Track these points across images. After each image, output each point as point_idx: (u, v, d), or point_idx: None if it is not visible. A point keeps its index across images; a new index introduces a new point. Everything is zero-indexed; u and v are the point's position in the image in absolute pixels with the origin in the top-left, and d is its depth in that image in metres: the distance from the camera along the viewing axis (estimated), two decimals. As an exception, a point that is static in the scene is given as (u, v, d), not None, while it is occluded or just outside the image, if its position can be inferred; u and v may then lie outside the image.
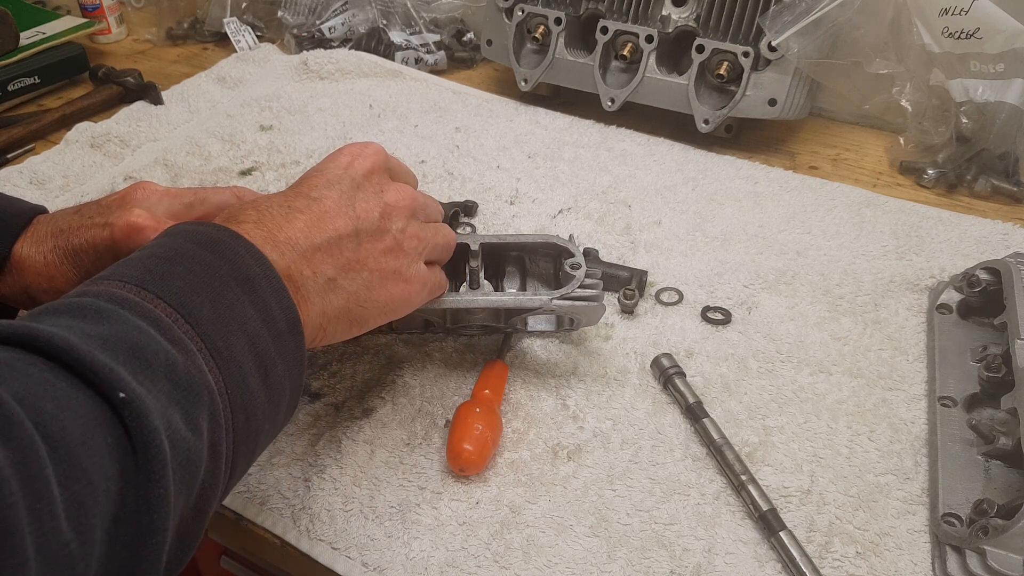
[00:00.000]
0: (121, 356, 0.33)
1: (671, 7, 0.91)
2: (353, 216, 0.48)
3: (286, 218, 0.46)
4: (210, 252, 0.41)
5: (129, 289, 0.37)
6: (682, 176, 0.87)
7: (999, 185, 0.83)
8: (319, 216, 0.47)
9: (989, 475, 0.53)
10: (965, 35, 0.81)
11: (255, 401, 0.40)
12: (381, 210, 0.50)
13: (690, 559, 0.50)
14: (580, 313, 0.60)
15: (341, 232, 0.47)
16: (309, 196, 0.48)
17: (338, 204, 0.48)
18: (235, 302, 0.40)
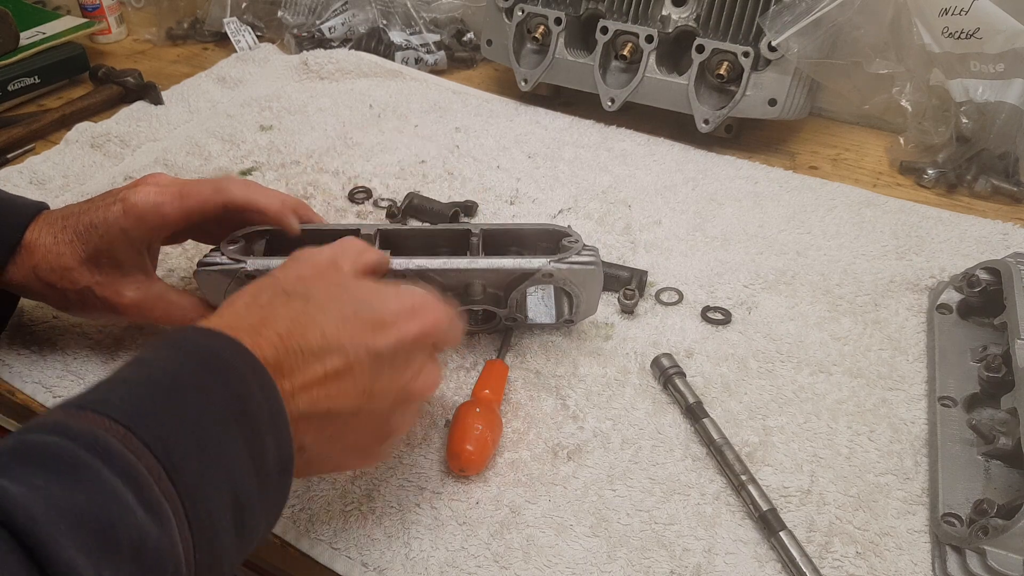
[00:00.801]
0: (88, 540, 0.30)
1: (671, 7, 0.91)
2: (367, 400, 0.45)
3: (310, 369, 0.42)
4: (214, 378, 0.38)
5: (115, 432, 0.34)
6: (682, 176, 0.87)
7: (999, 185, 0.83)
8: (336, 382, 0.43)
9: (989, 475, 0.53)
10: (965, 35, 0.81)
11: (224, 557, 0.37)
12: (395, 398, 0.46)
13: (690, 559, 0.50)
14: (578, 282, 0.60)
15: (344, 413, 0.44)
16: (344, 354, 0.43)
17: (360, 380, 0.44)
18: (228, 446, 0.37)
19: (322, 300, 0.45)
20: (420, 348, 0.47)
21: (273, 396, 0.40)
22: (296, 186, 0.85)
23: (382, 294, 0.48)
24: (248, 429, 0.38)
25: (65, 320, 0.68)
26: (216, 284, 0.59)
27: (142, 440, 0.34)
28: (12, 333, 0.67)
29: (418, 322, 0.47)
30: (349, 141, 0.93)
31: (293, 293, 0.45)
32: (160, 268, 0.73)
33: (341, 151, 0.92)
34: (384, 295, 0.47)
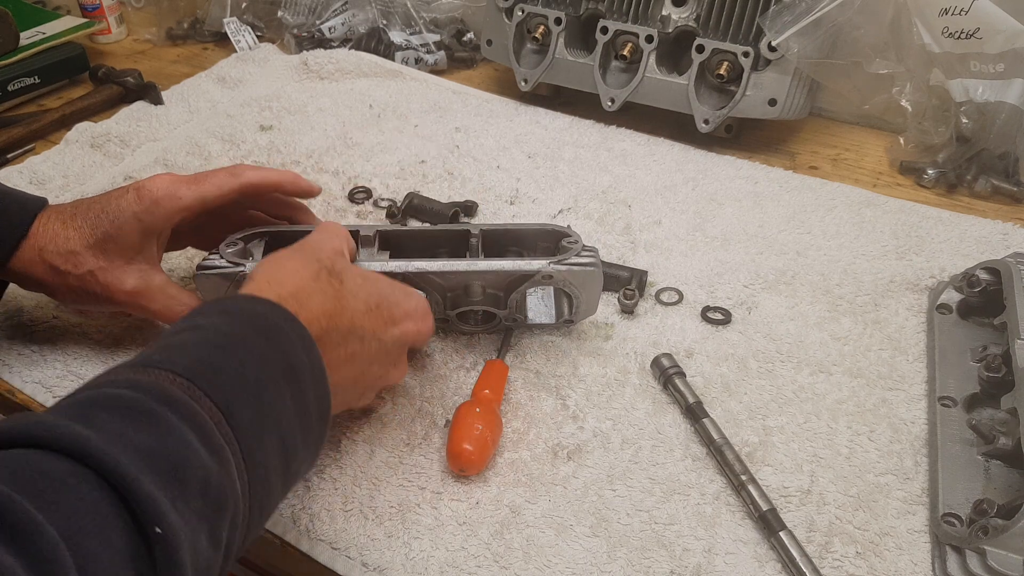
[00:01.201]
0: (163, 477, 0.34)
1: (671, 7, 0.91)
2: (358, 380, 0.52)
3: (334, 348, 0.48)
4: (265, 340, 0.43)
5: (179, 384, 0.38)
6: (682, 176, 0.87)
7: (999, 185, 0.83)
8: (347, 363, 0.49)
9: (989, 475, 0.53)
10: (965, 35, 0.81)
11: (272, 495, 0.42)
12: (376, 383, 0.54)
13: (690, 559, 0.50)
14: (578, 283, 0.60)
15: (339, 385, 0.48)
16: (362, 340, 0.50)
17: (360, 364, 0.51)
18: (277, 397, 0.42)
19: (354, 287, 0.50)
20: (405, 344, 0.54)
21: (315, 356, 0.45)
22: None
23: (396, 291, 0.53)
24: (295, 384, 0.43)
25: (65, 320, 0.68)
26: (216, 288, 0.59)
27: (203, 391, 0.39)
28: (12, 333, 0.67)
29: (417, 325, 0.54)
30: (349, 141, 0.93)
31: (333, 272, 0.50)
32: (160, 268, 0.74)
33: (341, 151, 0.92)
34: (397, 293, 0.53)
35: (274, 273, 0.48)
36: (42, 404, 0.62)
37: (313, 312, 0.46)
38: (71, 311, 0.69)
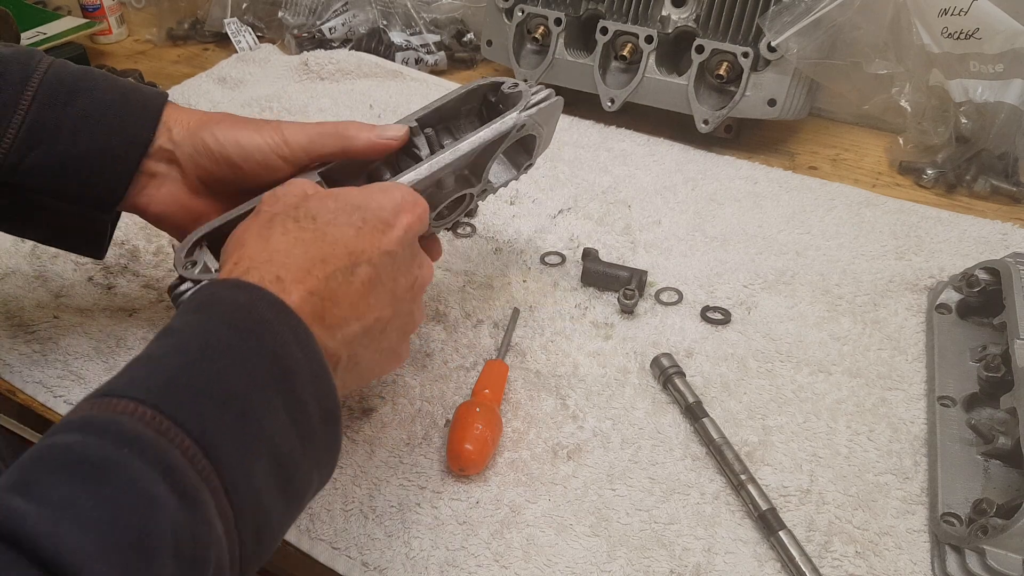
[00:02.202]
0: (121, 555, 0.28)
1: (671, 7, 0.92)
2: (395, 302, 0.46)
3: (344, 289, 0.43)
4: (248, 340, 0.37)
5: (144, 416, 0.32)
6: (682, 176, 0.87)
7: (998, 185, 0.83)
8: (371, 292, 0.44)
9: (988, 475, 0.53)
10: (964, 35, 0.81)
11: (271, 520, 0.37)
12: (412, 292, 0.48)
13: (690, 558, 0.50)
14: (543, 120, 0.59)
15: (383, 320, 0.45)
16: (370, 263, 0.44)
17: (387, 283, 0.46)
18: (266, 411, 0.36)
19: (329, 217, 0.44)
20: (414, 239, 0.48)
21: (311, 348, 0.39)
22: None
23: (373, 195, 0.47)
24: (287, 390, 0.37)
25: (66, 320, 0.68)
26: None
27: (173, 419, 0.33)
28: (13, 333, 0.67)
29: (410, 213, 0.48)
30: (349, 141, 0.93)
31: (300, 217, 0.44)
32: (160, 268, 0.74)
33: (341, 151, 0.92)
34: (375, 195, 0.47)
35: (243, 246, 0.43)
36: (42, 404, 0.62)
37: (300, 267, 0.41)
38: (75, 309, 0.69)
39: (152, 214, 0.57)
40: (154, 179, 0.56)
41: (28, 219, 0.56)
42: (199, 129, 0.55)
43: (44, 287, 0.71)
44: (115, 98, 0.54)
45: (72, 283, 0.72)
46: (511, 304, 0.70)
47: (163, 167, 0.56)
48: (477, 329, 0.67)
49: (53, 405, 0.61)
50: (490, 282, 0.73)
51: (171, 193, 0.56)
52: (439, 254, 0.61)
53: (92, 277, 0.73)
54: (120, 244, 0.76)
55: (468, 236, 0.79)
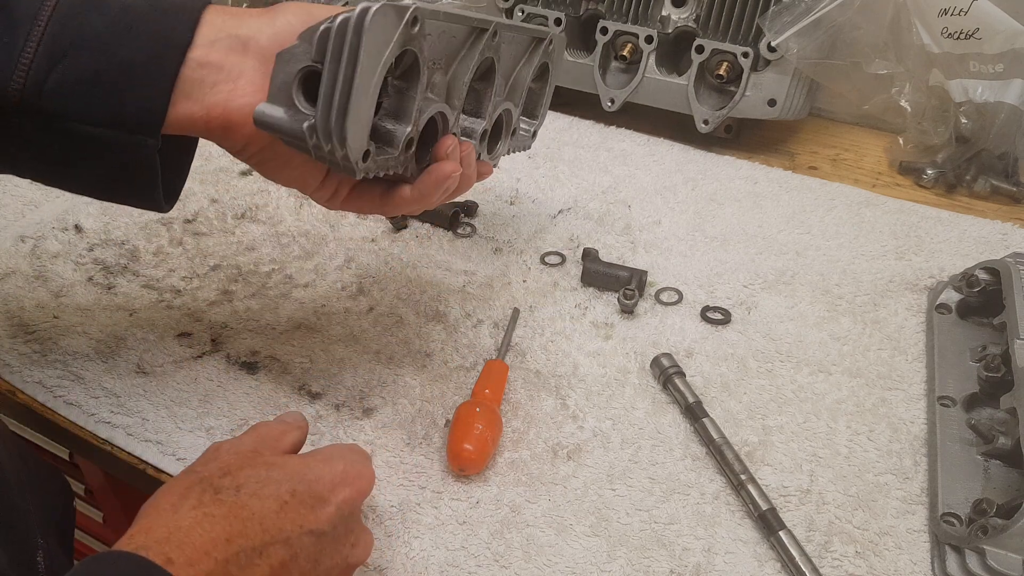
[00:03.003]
0: None
1: (671, 7, 0.92)
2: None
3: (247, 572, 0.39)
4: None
5: None
6: (682, 176, 0.87)
7: (998, 185, 0.83)
8: (285, 568, 0.41)
9: (988, 475, 0.53)
10: (964, 35, 0.81)
11: None
12: (339, 572, 0.45)
13: (690, 558, 0.50)
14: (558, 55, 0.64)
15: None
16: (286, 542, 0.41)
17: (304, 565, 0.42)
18: None
19: (255, 488, 0.42)
20: (354, 513, 0.46)
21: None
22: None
23: (312, 466, 0.45)
24: None
25: (66, 320, 0.68)
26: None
27: None
28: (13, 333, 0.67)
29: (350, 488, 0.45)
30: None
31: (222, 488, 0.42)
32: (160, 268, 0.74)
33: (341, 151, 0.92)
34: (314, 466, 0.45)
35: (146, 517, 0.41)
36: (42, 404, 0.62)
37: (197, 548, 0.38)
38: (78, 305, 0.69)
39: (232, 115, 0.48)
40: (222, 71, 0.47)
41: (69, 160, 0.49)
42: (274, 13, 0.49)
43: (44, 287, 0.71)
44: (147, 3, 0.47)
45: (72, 283, 0.72)
46: (511, 304, 0.70)
47: (234, 58, 0.47)
48: (477, 329, 0.67)
49: (53, 405, 0.61)
50: (490, 282, 0.73)
51: (251, 83, 0.47)
52: (489, 172, 0.60)
53: (92, 277, 0.73)
54: (120, 244, 0.76)
55: (468, 236, 0.79)
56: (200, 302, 0.70)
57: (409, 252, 0.76)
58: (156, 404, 0.60)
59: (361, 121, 0.46)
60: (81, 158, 0.48)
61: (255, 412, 0.60)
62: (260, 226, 0.80)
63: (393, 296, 0.71)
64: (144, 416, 0.60)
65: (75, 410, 0.61)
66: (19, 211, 0.81)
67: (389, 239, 0.78)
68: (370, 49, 0.44)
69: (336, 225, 0.80)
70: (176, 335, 0.67)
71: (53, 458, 0.85)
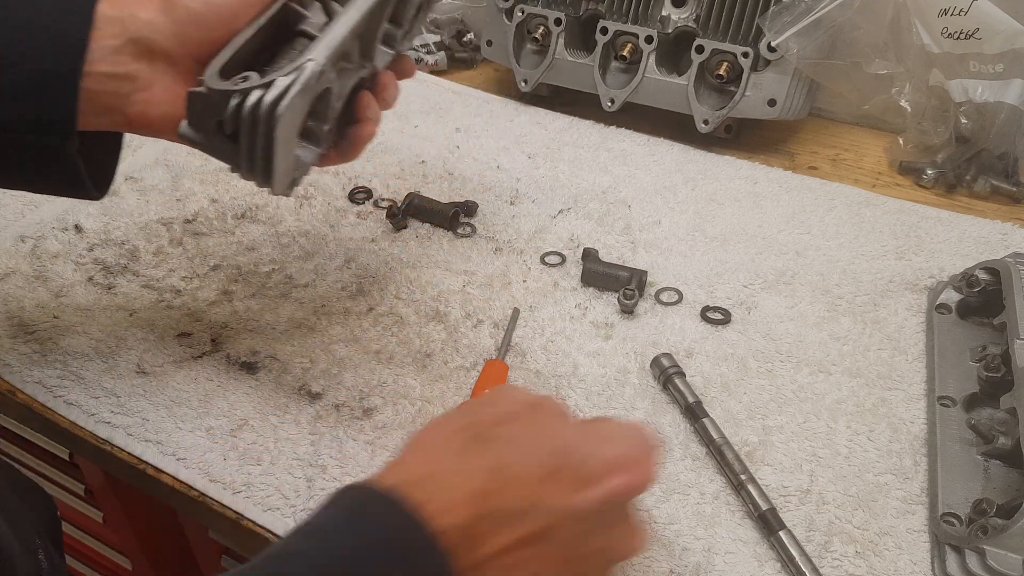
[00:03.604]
0: None
1: (671, 8, 0.92)
2: (567, 562, 0.39)
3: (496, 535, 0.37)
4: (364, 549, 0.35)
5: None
6: (682, 176, 0.87)
7: (998, 185, 0.83)
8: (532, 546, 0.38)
9: (988, 475, 0.53)
10: (964, 35, 0.81)
11: None
12: (598, 563, 0.41)
13: (690, 558, 0.50)
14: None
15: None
16: (548, 513, 0.38)
17: (559, 545, 0.39)
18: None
19: (524, 449, 0.40)
20: (623, 506, 0.42)
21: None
22: (296, 187, 0.85)
23: (588, 441, 0.41)
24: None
25: (66, 320, 0.68)
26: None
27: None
28: (12, 333, 0.67)
29: (627, 477, 0.41)
30: (349, 141, 0.93)
31: (492, 439, 0.40)
32: (160, 268, 0.74)
33: (341, 151, 0.92)
34: (592, 441, 0.41)
35: (415, 451, 0.41)
36: (42, 404, 0.62)
37: (457, 497, 0.37)
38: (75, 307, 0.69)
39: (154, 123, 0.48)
40: (135, 82, 0.47)
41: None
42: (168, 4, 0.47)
43: (44, 287, 0.71)
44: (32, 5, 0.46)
45: (72, 283, 0.72)
46: (511, 304, 0.70)
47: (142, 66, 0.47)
48: (477, 329, 0.67)
49: (53, 405, 0.61)
50: (490, 282, 0.73)
51: (167, 90, 0.48)
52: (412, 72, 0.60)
53: (92, 277, 0.73)
54: (120, 244, 0.76)
55: (468, 236, 0.79)
56: (200, 302, 0.70)
57: (409, 252, 0.76)
58: (156, 404, 0.60)
59: (285, 167, 0.46)
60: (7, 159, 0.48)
61: (255, 412, 0.60)
62: (260, 226, 0.80)
63: (393, 296, 0.71)
64: (144, 416, 0.60)
65: (75, 410, 0.61)
66: (19, 211, 0.81)
67: (389, 239, 0.78)
68: (285, 128, 0.44)
69: (336, 225, 0.80)
70: (176, 335, 0.67)
71: (53, 458, 0.85)
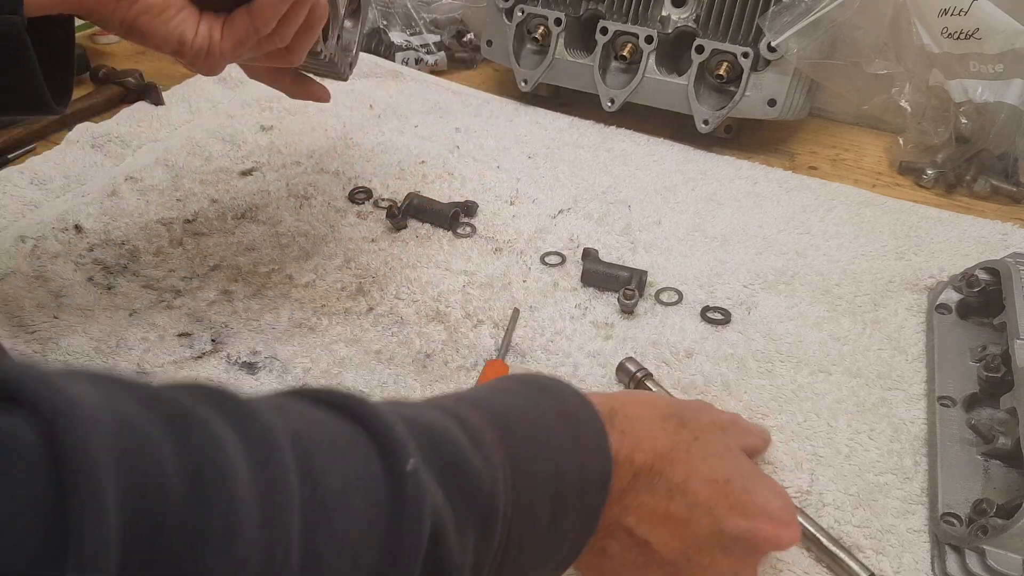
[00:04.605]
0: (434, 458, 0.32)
1: (671, 8, 0.92)
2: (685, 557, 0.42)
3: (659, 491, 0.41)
4: (537, 391, 0.40)
5: (446, 400, 0.37)
6: (682, 176, 0.87)
7: (998, 185, 0.83)
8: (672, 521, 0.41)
9: (988, 475, 0.53)
10: (964, 35, 0.81)
11: (533, 541, 0.36)
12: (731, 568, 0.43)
13: (690, 558, 0.50)
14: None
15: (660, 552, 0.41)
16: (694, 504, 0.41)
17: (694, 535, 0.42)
18: (553, 429, 0.38)
19: (705, 450, 0.43)
20: (755, 551, 0.43)
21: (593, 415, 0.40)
22: (296, 186, 0.86)
23: (758, 480, 0.44)
24: (573, 425, 0.39)
25: (66, 320, 0.68)
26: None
27: (471, 402, 0.36)
28: (13, 333, 0.67)
29: (775, 529, 0.43)
30: (349, 141, 0.94)
31: (686, 424, 0.44)
32: (160, 268, 0.74)
33: (341, 151, 0.92)
34: (760, 484, 0.44)
35: (622, 397, 0.44)
36: (43, 404, 0.62)
37: (641, 442, 0.41)
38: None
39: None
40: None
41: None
42: None
43: (44, 287, 0.71)
44: None
45: (72, 283, 0.72)
46: (511, 304, 0.70)
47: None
48: (477, 329, 0.67)
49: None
50: (490, 282, 0.73)
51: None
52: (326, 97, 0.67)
53: (92, 277, 0.73)
54: (120, 244, 0.76)
55: (468, 236, 0.79)
56: (200, 302, 0.70)
57: (409, 252, 0.76)
58: (156, 404, 0.60)
59: None
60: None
61: (255, 412, 0.60)
62: (260, 226, 0.80)
63: (393, 296, 0.71)
64: (144, 416, 0.60)
65: (75, 410, 0.61)
66: (19, 211, 0.81)
67: (389, 239, 0.78)
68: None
69: (336, 225, 0.80)
70: (176, 335, 0.67)
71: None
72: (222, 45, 0.54)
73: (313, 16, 0.57)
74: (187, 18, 0.53)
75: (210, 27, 0.54)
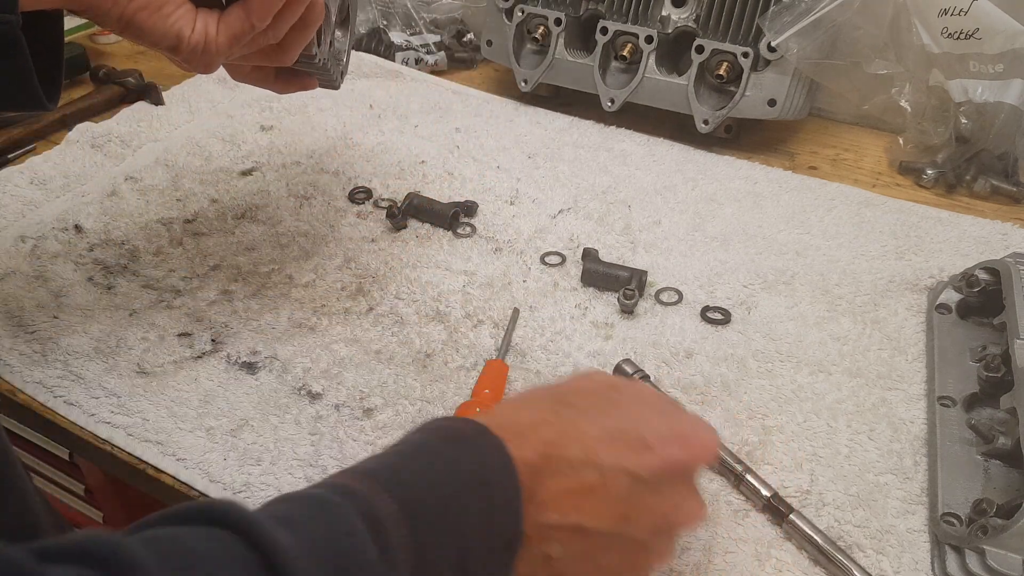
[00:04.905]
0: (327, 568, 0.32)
1: (671, 8, 0.92)
2: (623, 524, 0.41)
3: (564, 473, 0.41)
4: (453, 447, 0.39)
5: (361, 480, 0.37)
6: (682, 176, 0.87)
7: (998, 185, 0.83)
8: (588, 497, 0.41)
9: (988, 475, 0.53)
10: (964, 35, 0.81)
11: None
12: (653, 526, 0.43)
13: (689, 558, 0.50)
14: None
15: (598, 527, 0.41)
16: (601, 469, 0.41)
17: (615, 500, 0.41)
18: (464, 507, 0.37)
19: (591, 415, 0.43)
20: (683, 476, 0.44)
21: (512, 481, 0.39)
22: (296, 186, 0.86)
23: (651, 414, 0.45)
24: (484, 498, 0.38)
25: (66, 320, 0.68)
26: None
27: (383, 486, 0.36)
28: (13, 333, 0.67)
29: (685, 450, 0.43)
30: (349, 141, 0.94)
31: (566, 405, 0.44)
32: (160, 268, 0.74)
33: (341, 151, 0.92)
34: (654, 416, 0.44)
35: (501, 406, 0.46)
36: (42, 404, 0.62)
37: (534, 444, 0.41)
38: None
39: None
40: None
41: None
42: None
43: (44, 287, 0.71)
44: None
45: (72, 283, 0.72)
46: (511, 304, 0.70)
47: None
48: (477, 329, 0.67)
49: (53, 405, 0.61)
50: (490, 282, 0.73)
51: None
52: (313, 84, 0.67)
53: (92, 277, 0.73)
54: (120, 244, 0.76)
55: (468, 236, 0.79)
56: (200, 302, 0.70)
57: (409, 252, 0.76)
58: (156, 404, 0.60)
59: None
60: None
61: (255, 412, 0.60)
62: (260, 226, 0.80)
63: (393, 296, 0.71)
64: (144, 416, 0.60)
65: (75, 410, 0.61)
66: (19, 211, 0.81)
67: (389, 239, 0.78)
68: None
69: (336, 225, 0.80)
70: (176, 335, 0.67)
71: (53, 458, 0.85)
72: (218, 41, 0.54)
73: (309, 14, 0.57)
74: (185, 14, 0.53)
75: (206, 23, 0.54)
